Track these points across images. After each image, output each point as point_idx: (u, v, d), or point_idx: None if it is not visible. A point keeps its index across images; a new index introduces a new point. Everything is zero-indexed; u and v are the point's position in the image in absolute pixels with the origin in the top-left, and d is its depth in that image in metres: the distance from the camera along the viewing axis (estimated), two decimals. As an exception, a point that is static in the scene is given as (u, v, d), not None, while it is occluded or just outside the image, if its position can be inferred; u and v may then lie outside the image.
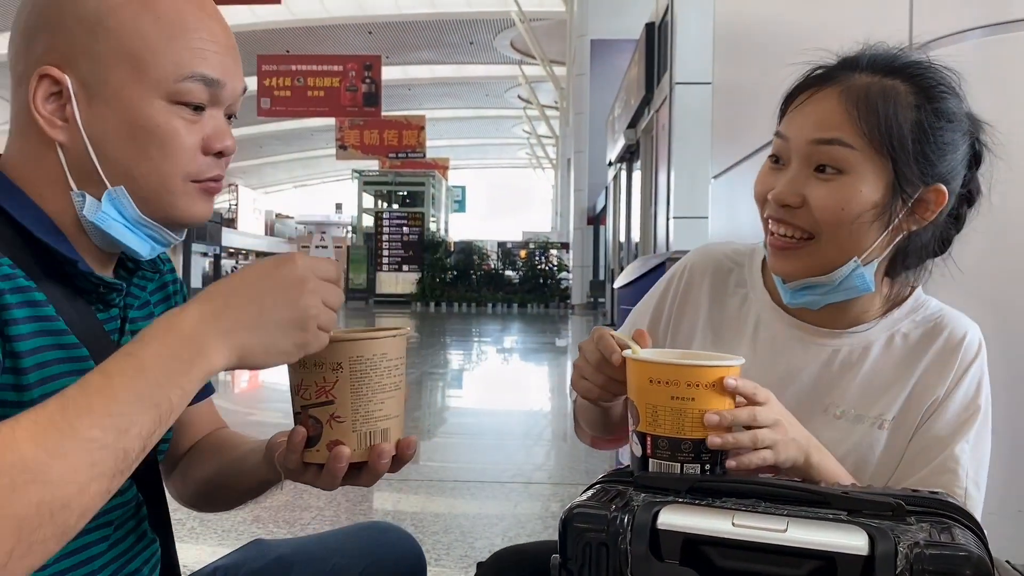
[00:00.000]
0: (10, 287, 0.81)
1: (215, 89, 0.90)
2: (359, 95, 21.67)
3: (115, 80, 0.87)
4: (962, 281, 1.45)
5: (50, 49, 0.87)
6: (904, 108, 1.00)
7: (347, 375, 0.84)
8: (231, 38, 0.95)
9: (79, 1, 0.88)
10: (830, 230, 1.01)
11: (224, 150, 0.93)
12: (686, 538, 0.73)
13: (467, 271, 24.53)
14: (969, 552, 0.67)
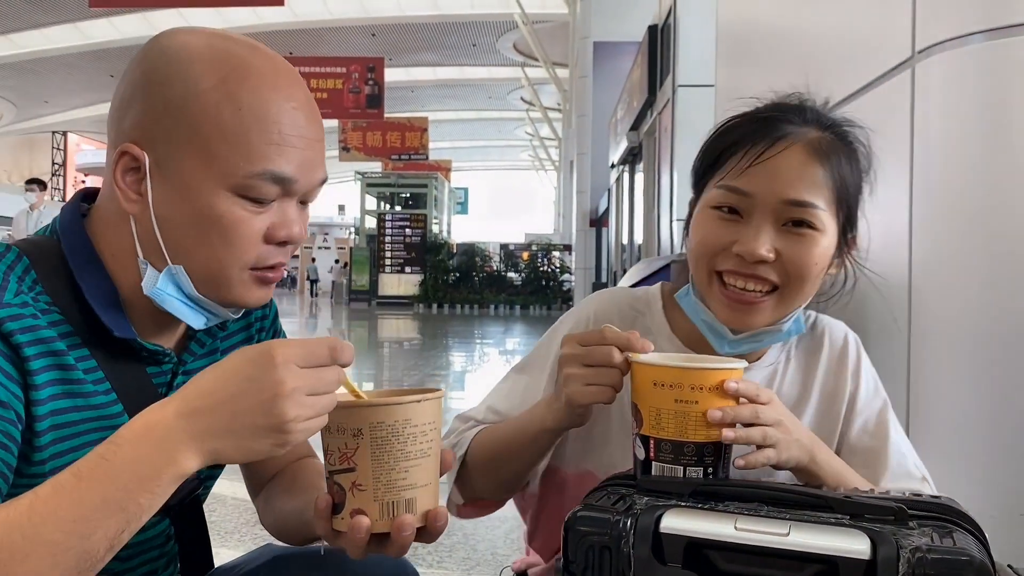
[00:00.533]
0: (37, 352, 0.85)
1: (286, 185, 0.90)
2: (362, 97, 21.68)
3: (187, 166, 0.87)
4: (961, 283, 1.45)
5: (136, 125, 0.89)
6: (850, 164, 1.06)
7: (367, 442, 0.79)
8: (317, 129, 0.93)
9: (168, 82, 0.88)
10: (798, 284, 1.04)
11: (288, 239, 0.92)
12: (689, 542, 0.73)
13: (469, 273, 24.52)
14: (971, 556, 0.67)
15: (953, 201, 1.49)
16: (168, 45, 0.91)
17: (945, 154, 1.52)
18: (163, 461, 0.70)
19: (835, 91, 2.03)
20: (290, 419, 0.72)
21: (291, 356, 0.72)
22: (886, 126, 1.73)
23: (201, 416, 0.72)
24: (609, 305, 1.21)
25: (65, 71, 29.43)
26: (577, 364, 0.95)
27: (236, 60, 0.89)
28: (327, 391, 0.75)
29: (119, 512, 0.69)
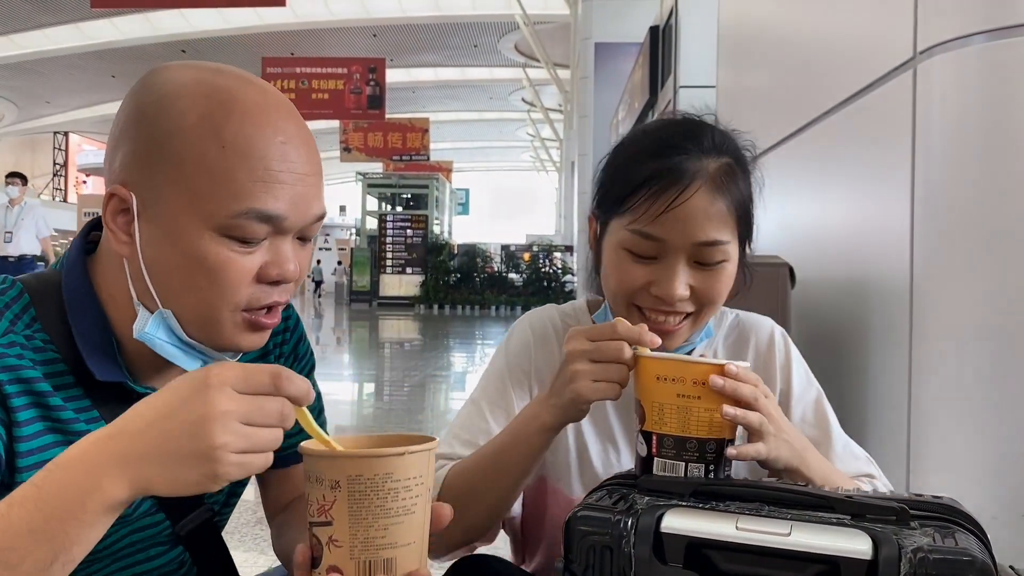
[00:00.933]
0: (17, 390, 0.84)
1: (276, 223, 0.86)
2: (363, 97, 21.69)
3: (173, 206, 0.85)
4: (963, 284, 1.45)
5: (124, 165, 0.87)
6: (745, 186, 1.11)
7: (345, 495, 0.73)
8: (310, 163, 0.89)
9: (154, 120, 0.85)
10: (711, 308, 1.11)
11: (282, 278, 0.88)
12: (690, 541, 0.73)
13: (470, 273, 24.52)
14: (973, 557, 0.67)
15: (955, 202, 1.49)
16: (156, 81, 0.88)
17: (947, 155, 1.52)
18: (89, 487, 0.66)
19: (837, 92, 2.03)
20: (217, 445, 0.66)
21: (227, 379, 0.68)
22: (888, 127, 1.73)
23: (129, 438, 0.68)
24: (544, 321, 1.24)
25: (67, 71, 29.46)
26: (585, 360, 0.95)
27: (222, 95, 0.85)
28: (266, 423, 0.69)
29: (46, 542, 0.66)
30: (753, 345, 1.22)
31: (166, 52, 27.94)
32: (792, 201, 2.56)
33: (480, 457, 1.06)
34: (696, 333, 1.14)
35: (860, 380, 1.85)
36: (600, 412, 1.21)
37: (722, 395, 0.88)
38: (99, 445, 0.68)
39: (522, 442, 1.02)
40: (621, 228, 1.10)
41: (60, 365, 0.88)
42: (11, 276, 0.93)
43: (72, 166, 38.22)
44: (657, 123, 1.20)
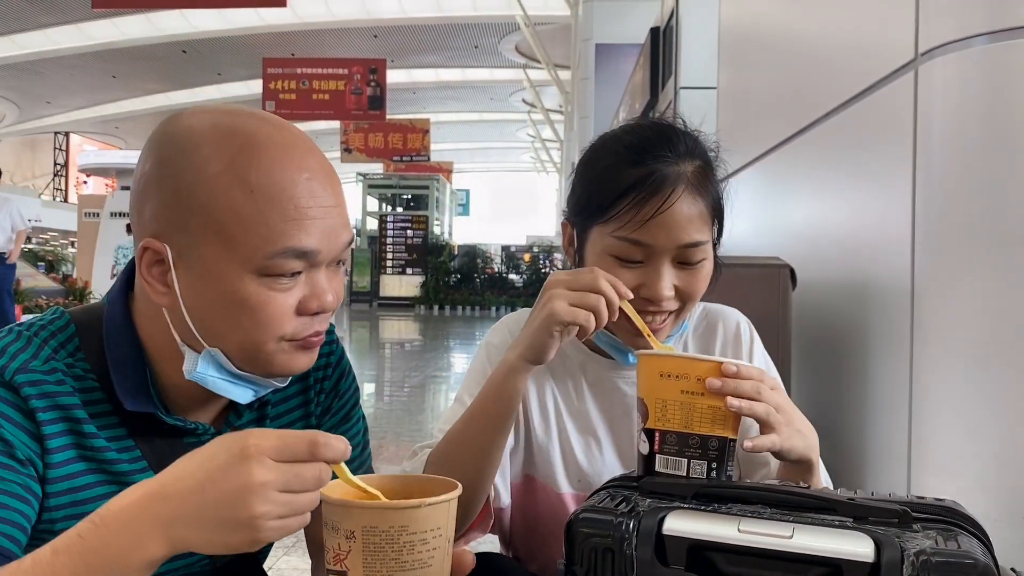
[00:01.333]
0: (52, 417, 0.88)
1: (311, 258, 0.89)
2: (364, 98, 21.69)
3: (208, 253, 0.87)
4: (964, 287, 1.45)
5: (154, 218, 0.89)
6: (716, 185, 1.16)
7: (360, 546, 0.72)
8: (336, 194, 0.91)
9: (178, 172, 0.88)
10: (692, 304, 1.17)
11: (321, 309, 0.91)
12: (692, 544, 0.73)
13: (471, 274, 24.51)
14: (975, 560, 0.66)
15: (956, 204, 1.49)
16: (174, 132, 0.90)
17: (948, 157, 1.51)
18: (130, 546, 0.69)
19: (837, 93, 2.03)
20: (257, 515, 0.68)
21: (265, 448, 0.69)
22: (889, 128, 1.72)
23: (170, 502, 0.69)
24: (522, 321, 1.26)
25: (67, 72, 29.46)
26: (562, 286, 1.00)
27: (242, 139, 0.88)
28: (304, 489, 0.70)
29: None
30: (720, 334, 1.28)
31: (167, 52, 27.95)
32: (793, 202, 2.56)
33: (457, 425, 1.08)
34: (677, 328, 1.20)
35: (861, 382, 1.85)
36: (580, 407, 1.24)
37: (722, 392, 0.88)
38: (141, 504, 0.70)
39: (491, 393, 1.04)
40: (605, 235, 1.14)
41: (98, 394, 0.92)
42: (61, 307, 0.98)
43: (73, 166, 38.21)
44: (627, 130, 1.22)
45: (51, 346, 0.92)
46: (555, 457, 1.23)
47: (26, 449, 0.86)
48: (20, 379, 0.87)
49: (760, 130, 2.85)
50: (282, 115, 4.29)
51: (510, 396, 1.04)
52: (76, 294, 17.07)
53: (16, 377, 0.87)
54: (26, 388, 0.87)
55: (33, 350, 0.91)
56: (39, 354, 0.90)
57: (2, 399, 0.87)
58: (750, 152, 3.08)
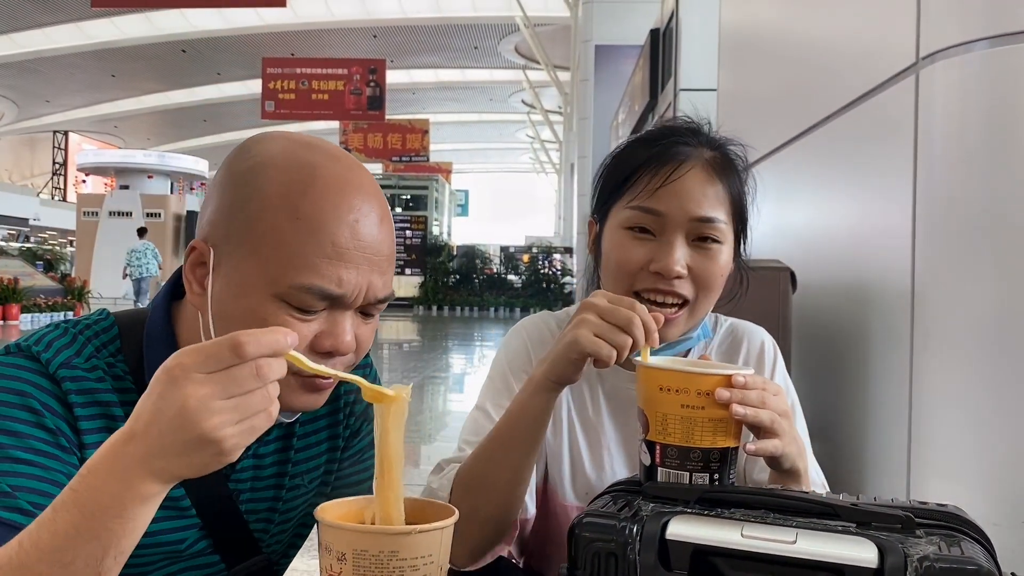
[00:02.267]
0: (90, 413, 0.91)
1: (335, 301, 0.88)
2: (363, 98, 21.71)
3: (243, 266, 0.88)
4: (965, 290, 1.45)
5: (209, 222, 0.92)
6: (739, 182, 1.16)
7: (350, 568, 0.72)
8: (382, 244, 0.90)
9: (240, 184, 0.90)
10: (706, 295, 1.13)
11: (334, 351, 0.90)
12: (695, 548, 0.73)
13: (470, 275, 24.52)
14: (978, 565, 0.66)
15: (957, 207, 1.49)
16: (251, 149, 0.93)
17: (949, 160, 1.52)
18: (120, 487, 0.70)
19: (838, 97, 2.03)
20: (208, 428, 0.68)
21: (189, 365, 0.69)
22: (890, 132, 1.73)
23: (136, 441, 0.71)
24: (540, 327, 1.26)
25: (66, 70, 29.47)
26: (595, 314, 0.96)
27: (306, 169, 0.89)
28: (246, 389, 0.70)
29: (93, 539, 0.70)
30: (744, 351, 1.26)
31: (166, 52, 27.96)
32: (794, 205, 2.56)
33: (486, 442, 1.05)
34: (693, 328, 1.17)
35: (861, 385, 1.85)
36: (594, 418, 1.22)
37: (729, 403, 0.88)
38: (115, 450, 0.72)
39: (520, 411, 1.02)
40: (621, 209, 1.13)
41: (134, 395, 0.93)
42: (107, 310, 1.01)
43: (71, 165, 38.19)
44: (657, 125, 1.26)
45: (94, 344, 0.95)
46: (564, 468, 1.21)
47: (67, 438, 0.89)
48: (63, 373, 0.90)
49: (760, 133, 2.85)
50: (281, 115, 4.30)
51: (538, 416, 1.01)
52: (74, 293, 17.04)
53: (59, 371, 0.90)
54: (67, 383, 0.90)
55: (77, 347, 0.93)
56: (82, 351, 0.93)
57: (46, 390, 0.90)
58: (750, 155, 3.08)
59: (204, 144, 40.31)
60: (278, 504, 1.05)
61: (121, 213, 27.67)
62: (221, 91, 33.32)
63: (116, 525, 0.70)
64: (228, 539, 1.00)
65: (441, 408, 7.31)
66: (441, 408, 7.31)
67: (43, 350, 0.92)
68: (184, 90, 33.21)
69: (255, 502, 1.03)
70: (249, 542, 1.02)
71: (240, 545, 1.01)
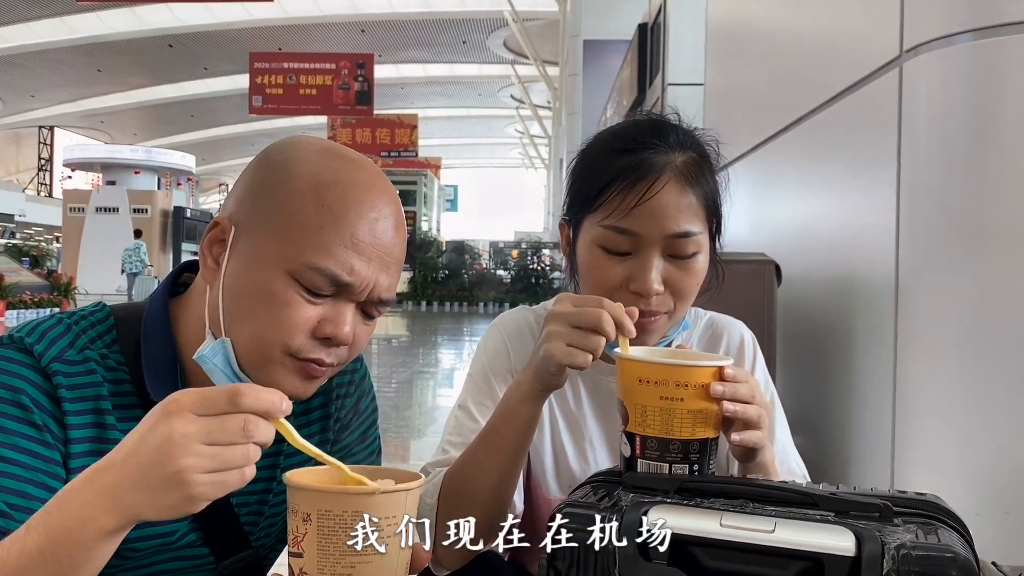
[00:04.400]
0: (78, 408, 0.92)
1: (341, 288, 0.91)
2: (351, 93, 21.64)
3: (261, 242, 0.91)
4: (948, 283, 1.45)
5: (235, 199, 0.96)
6: (712, 180, 1.14)
7: (315, 529, 0.73)
8: (394, 247, 0.95)
9: (273, 172, 0.94)
10: (685, 305, 1.13)
11: (333, 337, 0.92)
12: (674, 538, 0.73)
13: (459, 270, 24.49)
14: (955, 553, 0.67)
15: (940, 200, 1.49)
16: (288, 143, 0.98)
17: (932, 153, 1.52)
18: (84, 517, 0.71)
19: (823, 90, 2.03)
20: (182, 468, 0.68)
21: (185, 403, 0.70)
22: (874, 125, 1.73)
23: (112, 469, 0.71)
24: (519, 323, 1.25)
25: (52, 65, 29.26)
26: (564, 323, 0.95)
27: (337, 165, 0.94)
28: (230, 440, 0.70)
29: (54, 563, 0.71)
30: (724, 345, 1.25)
31: (153, 46, 27.80)
32: (779, 199, 2.57)
33: (473, 447, 1.05)
34: (673, 328, 1.16)
35: (845, 377, 1.86)
36: (576, 412, 1.22)
37: (722, 398, 0.88)
38: (92, 476, 0.72)
39: (507, 417, 1.01)
40: (594, 226, 1.11)
41: (127, 386, 0.95)
42: (104, 302, 1.02)
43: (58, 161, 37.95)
44: (622, 124, 1.22)
45: (88, 335, 0.96)
46: (547, 461, 1.21)
47: (53, 435, 0.90)
48: (55, 367, 0.91)
49: (746, 126, 2.86)
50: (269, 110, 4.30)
51: (526, 423, 1.01)
52: (61, 290, 16.94)
53: (52, 365, 0.91)
54: (59, 377, 0.91)
55: (71, 338, 0.94)
56: (75, 342, 0.94)
57: (37, 385, 0.90)
58: (736, 149, 3.09)
59: (191, 139, 40.09)
60: (268, 497, 1.06)
61: (108, 209, 27.50)
62: (208, 86, 33.16)
63: (76, 553, 0.71)
64: (218, 532, 1.01)
65: (430, 403, 7.31)
66: (430, 403, 7.31)
67: (36, 341, 0.92)
68: (171, 85, 33.04)
69: (245, 495, 1.03)
70: (239, 535, 1.02)
71: (230, 538, 1.02)
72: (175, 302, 1.01)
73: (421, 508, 1.03)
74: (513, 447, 1.01)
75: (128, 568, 0.96)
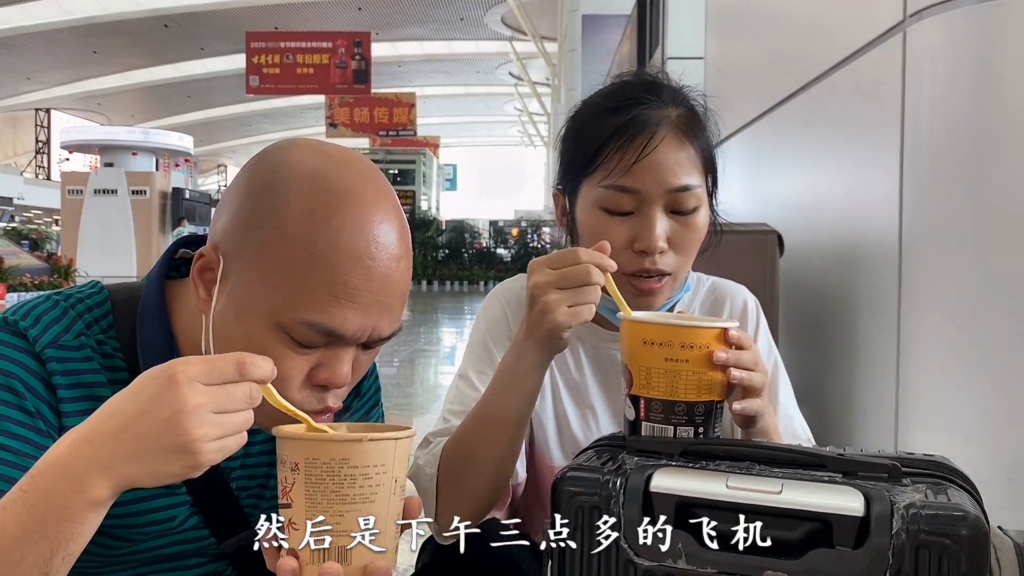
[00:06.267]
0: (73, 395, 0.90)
1: (338, 339, 0.86)
2: (349, 72, 21.52)
3: (248, 286, 0.86)
4: (953, 249, 1.44)
5: (223, 229, 0.89)
6: (706, 131, 1.14)
7: (303, 478, 0.73)
8: (395, 283, 0.87)
9: (260, 197, 0.87)
10: (687, 263, 1.13)
11: (329, 384, 0.87)
12: (680, 500, 0.72)
13: (459, 249, 24.49)
14: (966, 512, 0.66)
15: (944, 168, 1.48)
16: (277, 160, 0.89)
17: (937, 120, 1.50)
18: (71, 491, 0.69)
19: (825, 58, 2.01)
20: (195, 438, 0.68)
21: (193, 373, 0.69)
22: (877, 92, 1.71)
23: (106, 441, 0.70)
24: (515, 290, 1.23)
25: (47, 47, 29.04)
26: (553, 290, 0.93)
27: (331, 195, 0.85)
28: (236, 408, 0.71)
29: (42, 540, 0.69)
30: (728, 310, 1.24)
31: (148, 27, 27.59)
32: (781, 169, 2.55)
33: (472, 417, 1.03)
34: (676, 291, 1.16)
35: (848, 348, 1.85)
36: (578, 379, 1.21)
37: (725, 365, 0.87)
38: (75, 449, 0.70)
39: (511, 387, 0.99)
40: (593, 188, 1.10)
41: (123, 373, 0.93)
42: (101, 283, 0.99)
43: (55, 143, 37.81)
44: (610, 85, 1.20)
45: (85, 320, 0.93)
46: (549, 429, 1.20)
47: (46, 421, 0.88)
48: (49, 353, 0.89)
49: (748, 98, 2.83)
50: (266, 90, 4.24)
51: (531, 391, 1.00)
52: (61, 272, 16.94)
53: (46, 351, 0.89)
54: (53, 363, 0.89)
55: (67, 322, 0.91)
56: (72, 327, 0.92)
57: (31, 370, 0.88)
58: (738, 120, 3.07)
59: (189, 120, 39.91)
60: (269, 481, 1.05)
61: (106, 191, 27.43)
62: (205, 66, 32.93)
63: (65, 528, 0.70)
64: (219, 515, 1.00)
65: (432, 381, 7.31)
66: (432, 381, 7.31)
67: (31, 326, 0.90)
68: (167, 66, 32.81)
69: (246, 479, 1.03)
70: (239, 518, 1.01)
71: (230, 521, 1.00)
72: (172, 285, 0.98)
73: (421, 478, 1.03)
74: (516, 417, 1.00)
75: (129, 551, 0.95)
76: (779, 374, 1.22)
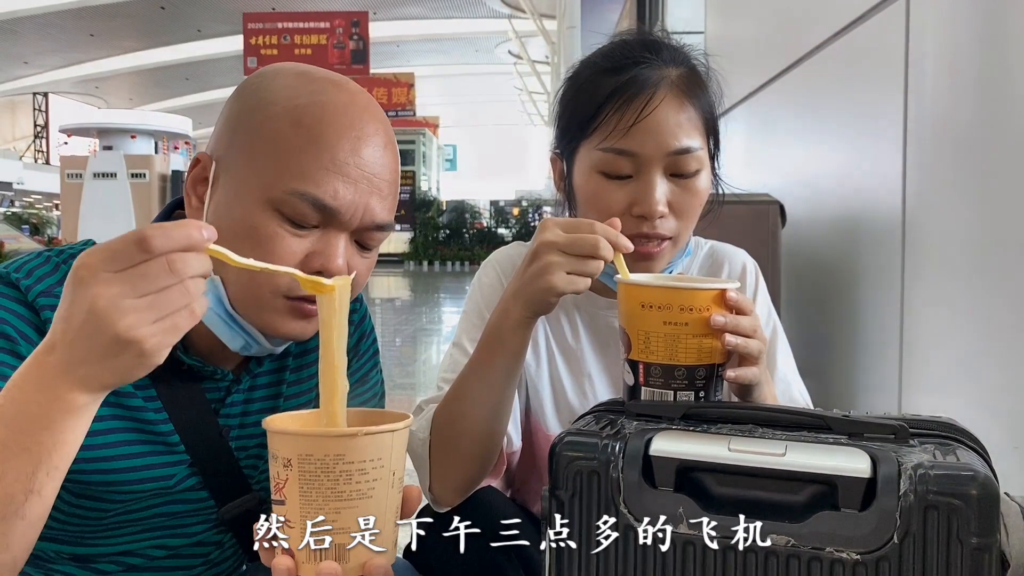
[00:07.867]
0: None
1: (328, 215, 0.86)
2: (347, 52, 21.41)
3: (241, 174, 0.87)
4: (956, 215, 1.42)
5: (214, 135, 0.92)
6: (707, 91, 1.10)
7: (296, 474, 0.70)
8: (383, 167, 0.90)
9: (248, 99, 0.90)
10: (688, 228, 1.10)
11: (324, 271, 0.86)
12: (680, 464, 0.70)
13: (460, 230, 24.46)
14: (975, 471, 0.64)
15: (948, 136, 1.45)
16: (265, 71, 0.94)
17: (940, 88, 1.48)
18: (46, 399, 0.68)
19: (827, 25, 1.98)
20: (122, 329, 0.65)
21: (94, 264, 0.66)
22: (880, 59, 1.68)
23: (56, 351, 0.68)
24: (511, 257, 1.21)
25: (43, 30, 28.87)
26: (558, 252, 0.90)
27: (315, 87, 0.89)
28: (159, 286, 0.66)
29: (23, 452, 0.68)
30: (726, 273, 1.23)
31: (144, 9, 27.41)
32: (783, 139, 2.52)
33: (461, 378, 1.01)
34: (677, 256, 1.13)
35: (852, 318, 1.83)
36: (574, 346, 1.19)
37: (723, 330, 0.85)
38: (39, 360, 0.69)
39: (497, 347, 0.97)
40: (591, 151, 1.07)
41: None
42: (93, 240, 0.96)
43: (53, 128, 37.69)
44: (609, 44, 1.15)
45: None
46: (545, 397, 1.19)
47: None
48: (42, 301, 0.88)
49: (749, 70, 2.80)
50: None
51: (517, 349, 0.97)
52: (61, 256, 16.97)
53: (39, 299, 0.88)
54: (46, 311, 0.87)
55: (60, 276, 0.90)
56: (64, 279, 0.89)
57: (23, 318, 0.87)
58: (739, 91, 3.03)
59: (188, 103, 39.75)
60: None
61: (105, 174, 27.34)
62: (203, 48, 32.75)
63: (45, 437, 0.69)
64: (218, 476, 0.98)
65: (435, 360, 7.31)
66: (435, 360, 7.31)
67: (23, 277, 0.89)
68: (165, 48, 32.64)
69: (245, 439, 1.01)
70: (239, 479, 1.00)
71: (230, 482, 1.00)
72: None
73: (414, 443, 1.02)
74: (503, 376, 0.98)
75: (124, 512, 0.94)
76: (778, 339, 1.20)
